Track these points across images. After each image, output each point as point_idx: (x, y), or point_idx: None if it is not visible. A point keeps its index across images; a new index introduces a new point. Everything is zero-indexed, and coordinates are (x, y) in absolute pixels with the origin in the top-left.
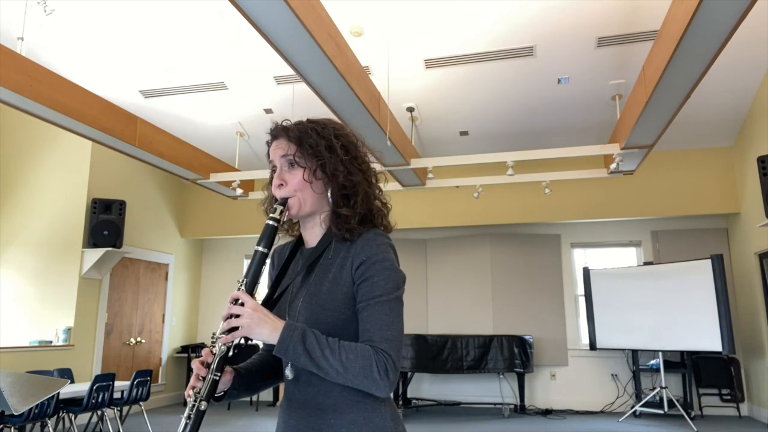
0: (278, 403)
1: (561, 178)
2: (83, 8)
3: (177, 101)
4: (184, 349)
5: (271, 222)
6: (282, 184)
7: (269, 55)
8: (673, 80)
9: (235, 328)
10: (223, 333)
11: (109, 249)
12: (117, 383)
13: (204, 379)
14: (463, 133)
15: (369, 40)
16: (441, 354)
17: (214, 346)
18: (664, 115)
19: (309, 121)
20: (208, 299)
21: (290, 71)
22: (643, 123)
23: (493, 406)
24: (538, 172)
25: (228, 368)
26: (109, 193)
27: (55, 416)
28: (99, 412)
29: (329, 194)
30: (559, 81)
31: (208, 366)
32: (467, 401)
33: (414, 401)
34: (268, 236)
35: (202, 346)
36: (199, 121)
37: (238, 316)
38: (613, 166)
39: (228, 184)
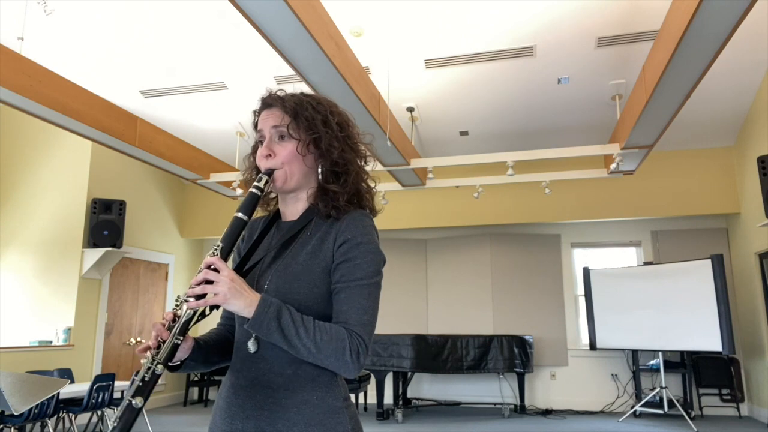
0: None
1: (561, 178)
2: (83, 8)
3: (177, 101)
4: None
5: (254, 190)
6: (270, 155)
7: (269, 55)
8: (673, 80)
9: (204, 295)
10: (193, 297)
11: (109, 249)
12: (117, 383)
13: (164, 342)
14: (463, 133)
15: (369, 40)
16: (441, 354)
17: (178, 309)
18: (664, 115)
19: (303, 94)
20: None
21: (290, 71)
22: (643, 123)
23: (493, 406)
24: (538, 172)
25: (189, 335)
26: (109, 193)
27: (55, 416)
28: (99, 412)
29: (319, 170)
30: (559, 81)
31: (170, 329)
32: (467, 401)
33: (414, 401)
34: (250, 204)
35: None
36: (199, 121)
37: (212, 282)
38: (613, 166)
39: (228, 184)
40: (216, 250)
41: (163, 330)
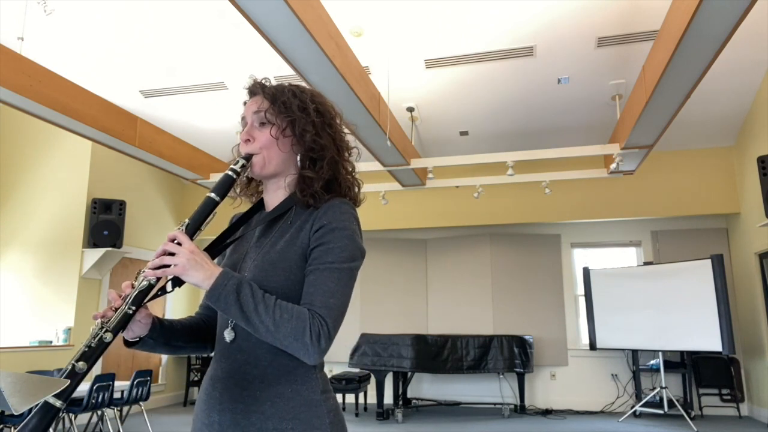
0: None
1: (561, 178)
2: (83, 8)
3: (177, 101)
4: None
5: (229, 172)
6: (249, 140)
7: (269, 55)
8: (673, 80)
9: (167, 267)
10: (152, 269)
11: (109, 249)
12: (117, 383)
13: (116, 311)
14: (463, 133)
15: (369, 40)
16: (441, 354)
17: (135, 280)
18: (664, 115)
19: (290, 84)
20: None
21: (290, 71)
22: (643, 123)
23: (493, 406)
24: (538, 172)
25: (145, 309)
26: (109, 193)
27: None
28: (99, 412)
29: (298, 157)
30: (559, 81)
31: (125, 299)
32: (467, 401)
33: (414, 401)
34: (223, 185)
35: None
36: (199, 121)
37: (173, 255)
38: (613, 166)
39: None
40: (182, 226)
41: (117, 299)
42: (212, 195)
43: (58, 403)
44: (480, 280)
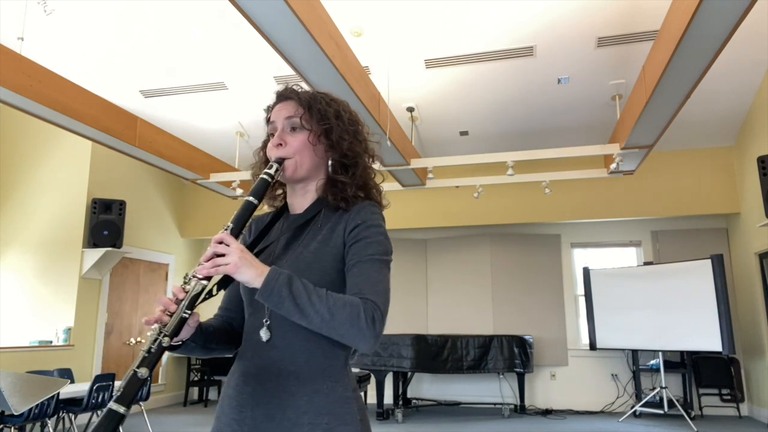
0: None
1: (561, 178)
2: (83, 8)
3: (177, 101)
4: None
5: (265, 176)
6: (281, 144)
7: (269, 55)
8: (673, 80)
9: (219, 267)
10: (204, 270)
11: (109, 249)
12: (117, 383)
13: (171, 315)
14: (463, 133)
15: (369, 40)
16: (441, 354)
17: (187, 284)
18: (664, 115)
19: (317, 92)
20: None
21: (290, 71)
22: (643, 123)
23: (493, 406)
24: (538, 172)
25: (196, 312)
26: (109, 193)
27: (55, 416)
28: (99, 412)
29: (329, 162)
30: (559, 81)
31: (178, 303)
32: (467, 401)
33: (414, 401)
34: (260, 188)
35: None
36: (199, 121)
37: (222, 256)
38: (613, 166)
39: (228, 184)
40: (226, 229)
41: (170, 303)
42: (251, 198)
43: (121, 410)
44: (480, 280)
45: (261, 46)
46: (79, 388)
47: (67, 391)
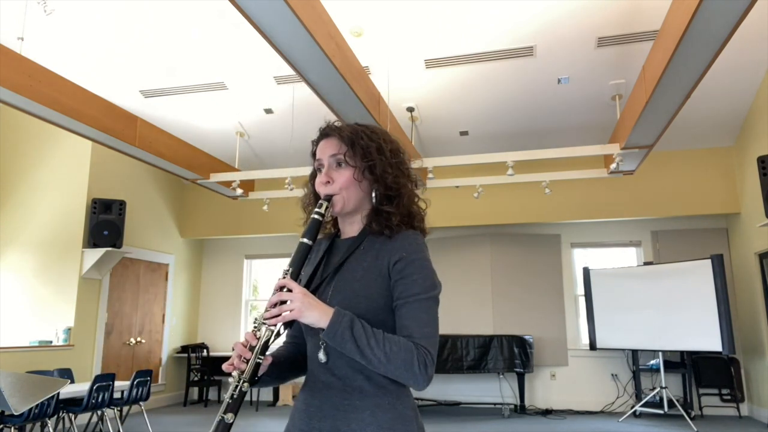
0: (278, 403)
1: (561, 178)
2: (83, 8)
3: (177, 101)
4: (184, 349)
5: (316, 216)
6: (329, 182)
7: (269, 55)
8: (673, 80)
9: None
10: (271, 317)
11: (109, 249)
12: (117, 383)
13: (248, 361)
14: (463, 133)
15: (369, 40)
16: (441, 354)
17: (257, 330)
18: (664, 115)
19: (358, 124)
20: (208, 299)
21: (290, 71)
22: (643, 123)
23: (493, 406)
24: (538, 172)
25: (268, 355)
26: (109, 193)
27: (55, 416)
28: (99, 412)
29: (373, 194)
30: (559, 81)
31: (251, 349)
32: (467, 401)
33: (414, 401)
34: (313, 229)
35: (202, 346)
36: (199, 121)
37: (285, 302)
38: (613, 166)
39: (228, 184)
40: (286, 273)
41: (245, 350)
42: (305, 240)
43: None
44: (480, 280)
45: (261, 46)
46: (79, 388)
47: (67, 391)
